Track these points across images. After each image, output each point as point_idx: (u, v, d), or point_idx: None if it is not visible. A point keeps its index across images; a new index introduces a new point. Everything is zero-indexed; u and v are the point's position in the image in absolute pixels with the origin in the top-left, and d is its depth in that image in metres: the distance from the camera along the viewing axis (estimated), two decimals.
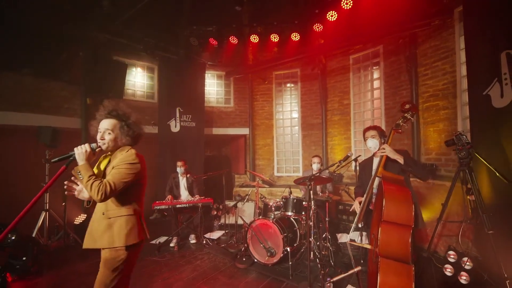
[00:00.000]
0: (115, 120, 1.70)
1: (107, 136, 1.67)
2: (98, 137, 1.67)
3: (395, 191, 1.94)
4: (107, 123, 1.68)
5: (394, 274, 1.70)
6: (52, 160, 1.58)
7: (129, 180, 1.59)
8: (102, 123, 1.68)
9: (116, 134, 1.69)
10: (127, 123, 1.72)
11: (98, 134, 1.67)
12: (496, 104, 2.59)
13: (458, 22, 3.73)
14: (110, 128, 1.67)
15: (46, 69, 4.50)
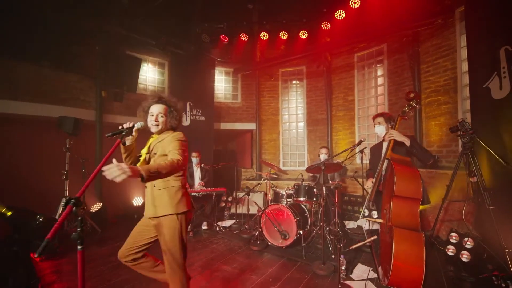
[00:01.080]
0: (165, 106, 1.90)
1: (160, 119, 1.87)
2: (152, 120, 1.86)
3: (404, 169, 2.15)
4: (159, 107, 1.89)
5: (407, 241, 1.91)
6: (106, 135, 1.76)
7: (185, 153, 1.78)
8: (155, 107, 1.88)
9: (164, 120, 1.89)
10: (176, 108, 1.92)
11: (150, 117, 1.87)
12: (495, 95, 2.82)
13: (459, 21, 3.97)
14: (162, 112, 1.88)
15: (64, 61, 4.66)
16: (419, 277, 1.86)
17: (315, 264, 2.93)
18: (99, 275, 2.79)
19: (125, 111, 5.60)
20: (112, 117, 5.38)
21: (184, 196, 1.85)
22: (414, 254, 1.87)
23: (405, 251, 1.88)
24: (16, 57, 4.17)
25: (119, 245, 2.26)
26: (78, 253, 1.32)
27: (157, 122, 1.86)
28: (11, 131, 4.22)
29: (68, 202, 1.27)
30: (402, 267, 1.88)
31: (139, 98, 5.73)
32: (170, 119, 1.92)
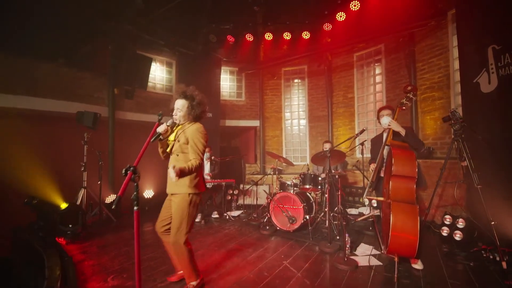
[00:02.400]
0: (184, 101, 2.15)
1: (178, 113, 2.16)
2: (174, 113, 2.15)
3: (402, 152, 2.43)
4: (179, 103, 2.16)
5: (403, 212, 2.18)
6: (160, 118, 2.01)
7: (205, 144, 2.06)
8: (176, 103, 2.17)
9: (184, 112, 2.15)
10: (192, 104, 2.17)
11: (174, 110, 2.14)
12: (484, 89, 3.13)
13: (451, 23, 4.29)
14: (180, 108, 2.15)
15: (78, 60, 4.90)
16: (414, 244, 2.14)
17: (321, 244, 3.20)
18: (125, 254, 3.03)
19: (135, 108, 5.84)
20: (123, 113, 5.62)
21: (199, 180, 2.12)
22: (409, 224, 2.14)
23: (402, 221, 2.16)
24: (36, 56, 4.41)
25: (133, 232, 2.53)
26: (135, 213, 1.58)
27: (176, 116, 2.15)
28: (31, 126, 4.44)
29: (128, 170, 1.54)
30: (399, 236, 2.15)
31: (148, 96, 6.06)
32: (191, 112, 2.16)
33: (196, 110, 2.15)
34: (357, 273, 2.50)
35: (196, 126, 2.11)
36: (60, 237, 3.40)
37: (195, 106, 2.15)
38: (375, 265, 2.63)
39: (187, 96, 2.15)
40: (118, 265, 2.71)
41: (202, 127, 2.12)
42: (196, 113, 2.17)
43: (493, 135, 2.87)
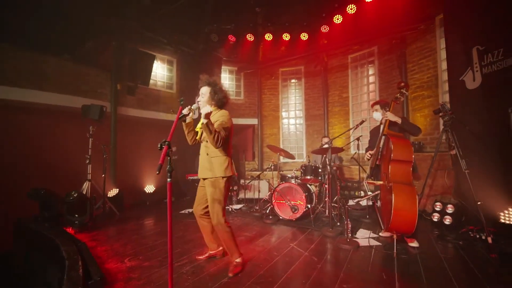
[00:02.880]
0: (207, 87, 2.33)
1: (201, 99, 2.33)
2: (198, 99, 2.32)
3: (399, 140, 2.68)
4: (203, 90, 2.34)
5: (404, 192, 2.41)
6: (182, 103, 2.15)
7: (229, 129, 2.23)
8: (201, 90, 2.35)
9: (207, 97, 2.32)
10: (215, 89, 2.34)
11: (199, 97, 2.32)
12: (469, 86, 3.44)
13: (438, 27, 4.65)
14: (204, 93, 2.33)
15: (83, 55, 4.97)
16: (413, 220, 2.36)
17: (324, 229, 3.40)
18: (135, 241, 3.12)
19: (136, 104, 5.91)
20: (125, 109, 5.68)
21: (229, 164, 2.29)
22: (409, 202, 2.37)
23: (403, 200, 2.38)
24: (42, 50, 4.45)
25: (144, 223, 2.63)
26: (168, 184, 1.71)
27: (199, 101, 2.32)
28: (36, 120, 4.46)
29: (163, 144, 1.69)
30: (400, 213, 2.37)
31: (149, 93, 6.16)
32: (214, 96, 2.33)
33: (218, 94, 2.32)
34: (359, 251, 2.70)
35: (222, 111, 2.29)
36: (67, 227, 3.45)
37: (218, 91, 2.32)
38: (375, 245, 2.84)
39: (210, 83, 2.33)
40: (131, 250, 2.81)
41: (227, 112, 2.30)
42: (218, 98, 2.33)
43: (478, 126, 3.17)
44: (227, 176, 2.25)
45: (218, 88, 2.36)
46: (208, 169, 2.26)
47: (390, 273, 2.18)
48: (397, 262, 2.39)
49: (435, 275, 2.14)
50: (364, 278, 2.10)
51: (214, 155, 2.26)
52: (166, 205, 5.74)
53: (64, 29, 4.57)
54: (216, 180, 2.23)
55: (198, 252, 2.71)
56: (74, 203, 3.48)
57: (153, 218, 4.39)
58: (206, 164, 2.28)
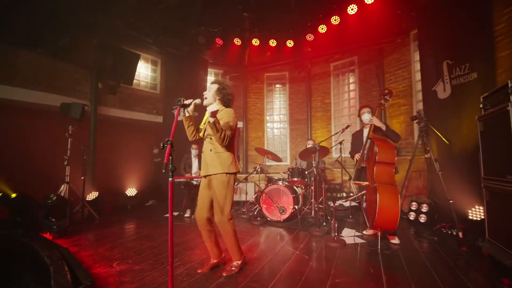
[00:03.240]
0: (215, 84, 2.35)
1: (207, 93, 2.34)
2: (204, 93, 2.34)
3: (383, 143, 2.89)
4: (210, 86, 2.37)
5: (387, 191, 2.60)
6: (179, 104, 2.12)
7: (234, 127, 2.25)
8: (209, 85, 2.37)
9: (213, 91, 2.34)
10: (222, 85, 2.37)
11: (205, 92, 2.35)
12: (440, 96, 3.80)
13: (412, 41, 5.07)
14: (211, 87, 2.35)
15: (61, 50, 4.70)
16: (396, 217, 2.56)
17: (311, 229, 3.51)
18: (121, 245, 3.00)
19: (118, 104, 5.70)
20: (106, 109, 5.46)
21: (233, 160, 2.30)
22: (392, 200, 2.56)
23: (386, 198, 2.57)
24: (14, 43, 4.16)
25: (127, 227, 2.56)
26: (169, 184, 1.70)
27: (204, 96, 2.33)
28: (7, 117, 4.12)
29: (166, 143, 1.68)
30: (385, 211, 2.55)
31: (132, 93, 5.98)
32: (220, 92, 2.33)
33: (224, 90, 2.33)
34: (346, 248, 2.84)
35: (228, 110, 2.30)
36: (44, 233, 3.22)
37: (225, 87, 2.34)
38: (360, 243, 3.01)
39: (219, 82, 2.36)
40: (118, 254, 2.70)
41: (232, 111, 2.31)
42: (224, 93, 2.33)
43: (448, 132, 3.51)
44: (232, 172, 2.25)
45: (225, 85, 2.38)
46: (212, 165, 2.22)
47: (377, 267, 2.33)
48: (382, 257, 2.56)
49: (416, 267, 2.32)
50: (353, 272, 2.23)
51: (219, 151, 2.24)
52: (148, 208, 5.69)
53: (41, 21, 4.32)
54: (222, 176, 2.20)
55: (188, 255, 2.68)
56: (54, 207, 3.26)
57: (136, 222, 4.24)
58: (210, 161, 2.24)
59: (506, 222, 2.28)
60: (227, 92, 2.35)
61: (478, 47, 3.35)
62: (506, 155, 2.19)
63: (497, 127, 2.37)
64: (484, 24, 3.31)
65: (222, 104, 2.38)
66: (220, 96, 2.35)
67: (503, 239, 2.33)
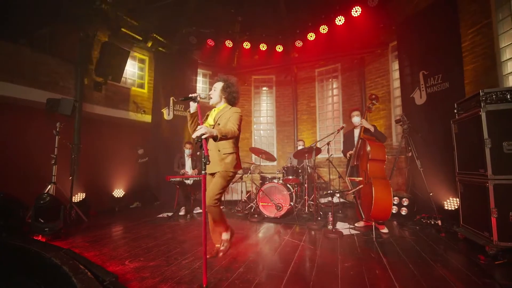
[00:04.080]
0: (220, 82, 2.45)
1: (212, 92, 2.45)
2: (210, 92, 2.41)
3: (375, 143, 3.22)
4: (216, 84, 2.45)
5: (381, 184, 2.92)
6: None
7: (240, 126, 2.35)
8: (214, 85, 2.44)
9: (219, 90, 2.43)
10: (227, 83, 2.47)
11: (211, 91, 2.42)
12: (417, 102, 4.30)
13: (391, 52, 5.63)
14: (216, 87, 2.45)
15: (44, 43, 4.42)
16: (389, 208, 2.88)
17: (308, 224, 3.74)
18: (125, 245, 2.93)
19: (103, 101, 5.47)
20: (91, 106, 5.21)
21: (238, 160, 2.42)
22: (386, 193, 2.88)
23: (381, 191, 2.88)
24: None
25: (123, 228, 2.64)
26: (202, 177, 1.78)
27: (210, 94, 2.44)
28: None
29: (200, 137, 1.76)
30: (379, 202, 2.86)
31: (118, 90, 5.78)
32: (225, 93, 2.44)
33: (230, 88, 2.42)
34: (344, 239, 3.10)
35: (235, 108, 2.40)
36: (35, 235, 3.01)
37: (230, 85, 2.43)
38: (355, 233, 3.29)
39: (224, 80, 2.45)
40: (125, 253, 2.65)
41: (239, 110, 2.41)
42: (229, 91, 2.42)
43: (426, 134, 3.99)
44: (234, 172, 2.38)
45: (230, 83, 2.47)
46: (219, 164, 2.33)
47: (375, 252, 2.61)
48: (377, 244, 2.85)
49: (408, 251, 2.64)
50: (357, 257, 2.47)
51: (226, 151, 2.35)
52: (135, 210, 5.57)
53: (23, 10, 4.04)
54: (226, 174, 2.33)
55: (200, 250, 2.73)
56: (46, 208, 3.06)
57: (129, 223, 4.10)
58: (218, 160, 2.34)
59: (477, 209, 2.71)
60: (232, 90, 2.44)
61: (449, 61, 3.88)
62: (479, 153, 2.61)
63: (470, 129, 2.81)
64: (454, 41, 3.85)
65: (228, 102, 2.47)
66: (226, 94, 2.44)
67: (475, 224, 2.76)
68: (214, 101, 2.46)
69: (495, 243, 2.39)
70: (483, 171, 2.55)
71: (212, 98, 2.44)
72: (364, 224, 3.63)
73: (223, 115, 2.39)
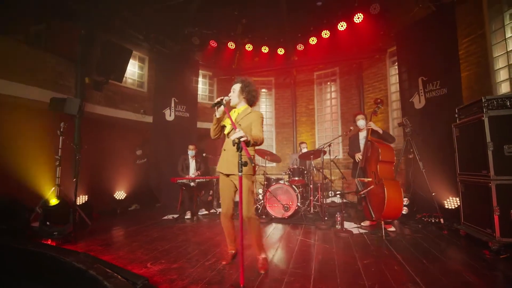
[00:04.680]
0: (238, 84, 2.48)
1: (232, 94, 2.47)
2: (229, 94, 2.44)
3: (384, 145, 3.37)
4: (234, 86, 2.48)
5: (393, 185, 3.06)
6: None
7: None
8: (232, 87, 2.48)
9: (237, 92, 2.47)
10: (244, 84, 2.50)
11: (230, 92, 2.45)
12: (417, 106, 4.53)
13: (388, 58, 5.87)
14: (234, 88, 2.47)
15: (43, 40, 4.27)
16: (401, 207, 3.03)
17: (316, 223, 3.84)
18: (140, 247, 2.90)
19: (103, 101, 5.34)
20: (91, 106, 5.06)
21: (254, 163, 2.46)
22: (398, 193, 3.03)
23: (393, 192, 3.02)
24: None
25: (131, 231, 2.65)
26: (239, 178, 1.82)
27: (230, 96, 2.43)
28: None
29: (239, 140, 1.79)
30: (392, 202, 3.00)
31: (118, 90, 5.67)
32: (244, 93, 2.46)
33: (248, 87, 2.44)
34: (355, 237, 3.22)
35: (257, 113, 2.42)
36: (44, 239, 2.91)
37: (248, 85, 2.45)
38: (363, 232, 3.43)
39: (242, 81, 2.47)
40: (144, 256, 2.62)
41: (262, 114, 2.45)
42: (248, 91, 2.44)
43: (425, 136, 4.21)
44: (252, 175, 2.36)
45: (248, 83, 2.48)
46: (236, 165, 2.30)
47: (388, 249, 2.74)
48: (387, 242, 2.99)
49: (417, 247, 2.79)
50: (373, 254, 2.59)
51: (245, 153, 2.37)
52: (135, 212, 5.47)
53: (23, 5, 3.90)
54: (249, 176, 2.32)
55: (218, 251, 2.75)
56: (55, 211, 2.97)
57: (136, 226, 4.02)
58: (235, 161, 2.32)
59: (479, 208, 2.91)
60: (250, 89, 2.45)
61: (447, 67, 4.11)
62: (481, 155, 2.81)
63: (472, 132, 3.01)
64: (451, 49, 4.08)
65: (247, 103, 2.50)
66: (245, 94, 2.45)
67: (477, 221, 2.95)
68: (234, 102, 2.48)
69: (498, 239, 2.58)
70: (486, 172, 2.74)
71: (232, 99, 2.46)
72: (369, 223, 3.78)
73: (245, 116, 2.42)
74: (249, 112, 2.44)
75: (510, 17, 3.67)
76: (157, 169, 5.79)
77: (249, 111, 2.46)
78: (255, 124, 2.34)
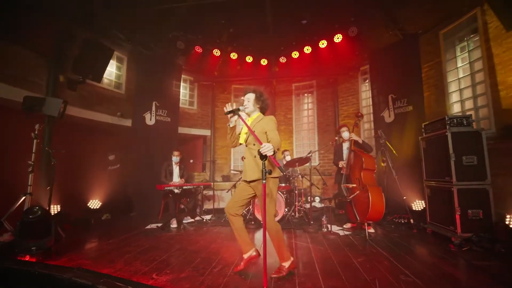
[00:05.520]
0: (252, 94, 2.59)
1: (246, 103, 2.55)
2: (244, 103, 2.53)
3: (366, 154, 3.77)
4: (248, 95, 2.57)
5: (375, 191, 3.44)
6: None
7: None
8: (246, 95, 2.56)
9: (253, 101, 2.57)
10: (259, 93, 2.62)
11: (245, 102, 2.54)
12: (387, 120, 5.13)
13: (360, 75, 6.53)
14: (249, 98, 2.56)
15: (14, 32, 3.84)
16: (382, 210, 3.41)
17: (304, 227, 4.07)
18: (136, 258, 2.76)
19: (77, 102, 4.94)
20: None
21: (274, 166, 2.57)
22: (380, 198, 3.41)
23: (376, 196, 3.39)
24: None
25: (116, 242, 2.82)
26: (263, 185, 1.91)
27: (244, 106, 2.53)
28: None
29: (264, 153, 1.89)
30: (376, 206, 3.36)
31: (94, 91, 5.35)
32: (260, 102, 2.56)
33: (262, 96, 2.55)
34: (342, 238, 3.51)
35: (270, 117, 2.51)
36: (20, 256, 2.59)
37: (262, 94, 2.56)
38: (348, 234, 3.75)
39: (254, 90, 2.57)
40: (144, 267, 2.51)
41: (275, 119, 2.53)
42: (262, 100, 2.55)
43: (395, 147, 4.79)
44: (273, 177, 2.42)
45: (261, 92, 2.58)
46: (257, 171, 2.35)
47: (375, 248, 3.06)
48: (371, 241, 3.33)
49: (397, 245, 3.16)
50: (363, 253, 2.88)
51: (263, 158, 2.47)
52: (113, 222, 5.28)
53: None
54: (268, 180, 2.36)
55: (220, 258, 2.77)
56: (36, 223, 2.66)
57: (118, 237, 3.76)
58: (254, 166, 2.39)
59: (443, 209, 3.44)
60: (264, 98, 2.59)
61: (412, 87, 4.77)
62: (445, 164, 3.34)
63: (437, 145, 3.56)
64: (415, 72, 4.76)
65: (261, 111, 2.64)
66: (260, 103, 2.57)
67: (441, 220, 3.48)
68: (249, 111, 2.57)
69: (459, 235, 3.09)
70: (449, 179, 3.27)
71: (247, 108, 2.54)
72: (350, 225, 4.14)
73: (258, 123, 2.51)
74: (261, 118, 2.54)
75: (461, 49, 4.45)
76: (135, 176, 5.47)
77: (261, 117, 2.56)
78: (270, 129, 2.41)
